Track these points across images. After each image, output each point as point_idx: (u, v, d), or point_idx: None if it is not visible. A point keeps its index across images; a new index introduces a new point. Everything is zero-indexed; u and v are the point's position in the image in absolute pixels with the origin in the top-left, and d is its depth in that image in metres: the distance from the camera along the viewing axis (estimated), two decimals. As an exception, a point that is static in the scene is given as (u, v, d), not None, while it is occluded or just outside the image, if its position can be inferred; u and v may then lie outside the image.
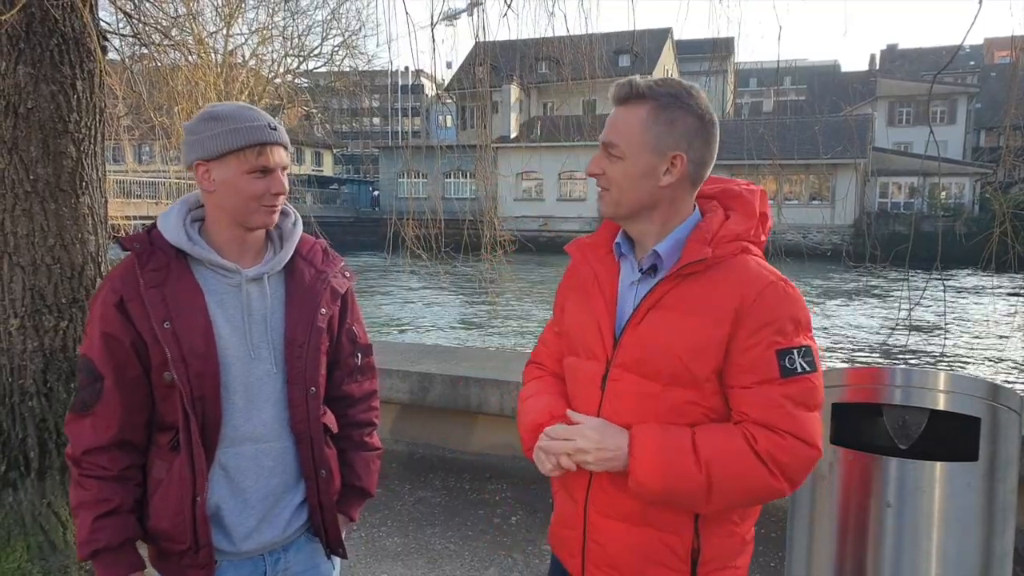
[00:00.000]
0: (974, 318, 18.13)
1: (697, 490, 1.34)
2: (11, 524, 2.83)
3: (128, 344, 1.50)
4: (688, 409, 1.40)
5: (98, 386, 1.51)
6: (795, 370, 1.35)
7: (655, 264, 1.46)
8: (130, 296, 1.50)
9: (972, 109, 46.26)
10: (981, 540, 1.44)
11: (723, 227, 1.44)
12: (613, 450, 1.39)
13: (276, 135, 1.55)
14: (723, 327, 1.36)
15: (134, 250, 1.53)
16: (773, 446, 1.33)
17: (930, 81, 29.64)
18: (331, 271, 1.71)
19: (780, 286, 1.39)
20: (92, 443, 1.51)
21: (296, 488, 1.67)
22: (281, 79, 20.17)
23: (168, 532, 1.54)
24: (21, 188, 2.75)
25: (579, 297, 1.57)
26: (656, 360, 1.40)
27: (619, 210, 1.48)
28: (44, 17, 2.69)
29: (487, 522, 3.76)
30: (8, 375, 2.86)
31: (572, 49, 5.73)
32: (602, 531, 1.49)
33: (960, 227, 9.47)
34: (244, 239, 1.61)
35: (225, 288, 1.57)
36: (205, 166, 1.54)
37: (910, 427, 1.48)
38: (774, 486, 1.34)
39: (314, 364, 1.64)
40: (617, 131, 1.44)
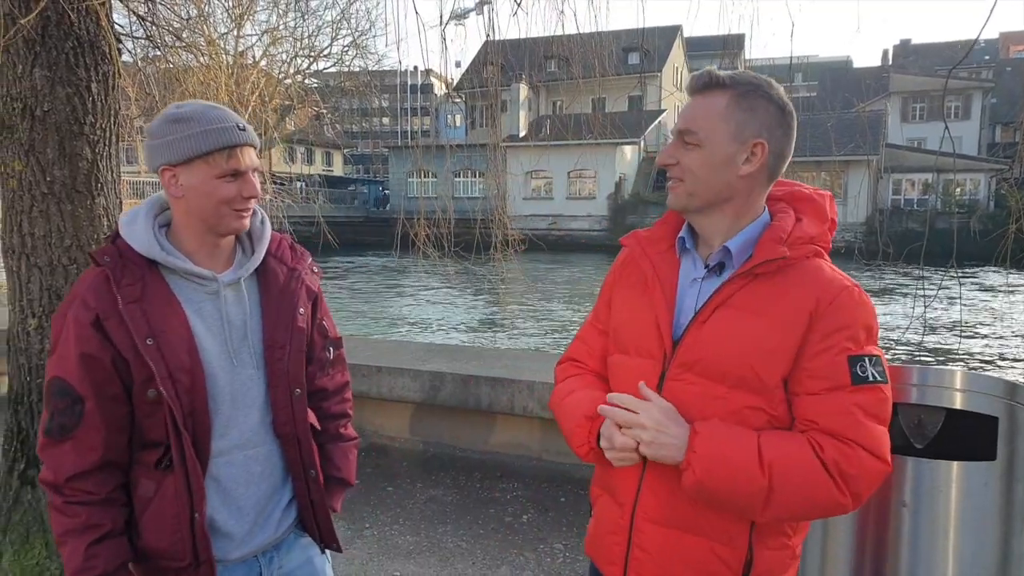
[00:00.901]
0: (990, 316, 17.96)
1: (756, 494, 1.28)
2: (30, 521, 2.86)
3: (108, 363, 1.43)
4: (752, 415, 1.33)
5: (78, 408, 1.43)
6: (867, 378, 1.30)
7: (722, 262, 1.41)
8: (107, 313, 1.42)
9: (987, 104, 45.83)
10: (998, 540, 1.43)
11: (796, 228, 1.39)
12: (673, 437, 1.32)
13: (246, 136, 1.49)
14: (796, 331, 1.31)
15: (105, 264, 1.46)
16: (840, 456, 1.27)
17: (944, 76, 29.37)
18: (302, 268, 1.68)
19: (856, 292, 1.34)
20: (76, 468, 1.44)
21: (284, 489, 1.66)
22: (291, 80, 20.24)
23: (165, 550, 1.50)
24: (38, 190, 2.78)
25: (633, 293, 1.51)
26: (722, 362, 1.34)
27: (692, 202, 1.41)
28: (60, 20, 2.71)
29: (498, 521, 3.77)
30: (26, 374, 2.90)
31: (581, 47, 5.71)
32: (650, 538, 1.43)
33: (975, 224, 9.43)
34: (215, 244, 1.56)
35: (201, 296, 1.53)
36: (172, 171, 1.47)
37: (926, 426, 1.47)
38: (838, 499, 1.28)
39: (297, 365, 1.62)
40: (695, 119, 1.38)
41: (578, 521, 3.72)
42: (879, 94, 45.42)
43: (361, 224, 41.47)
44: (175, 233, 1.55)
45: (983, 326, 16.52)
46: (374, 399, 4.48)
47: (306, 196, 29.25)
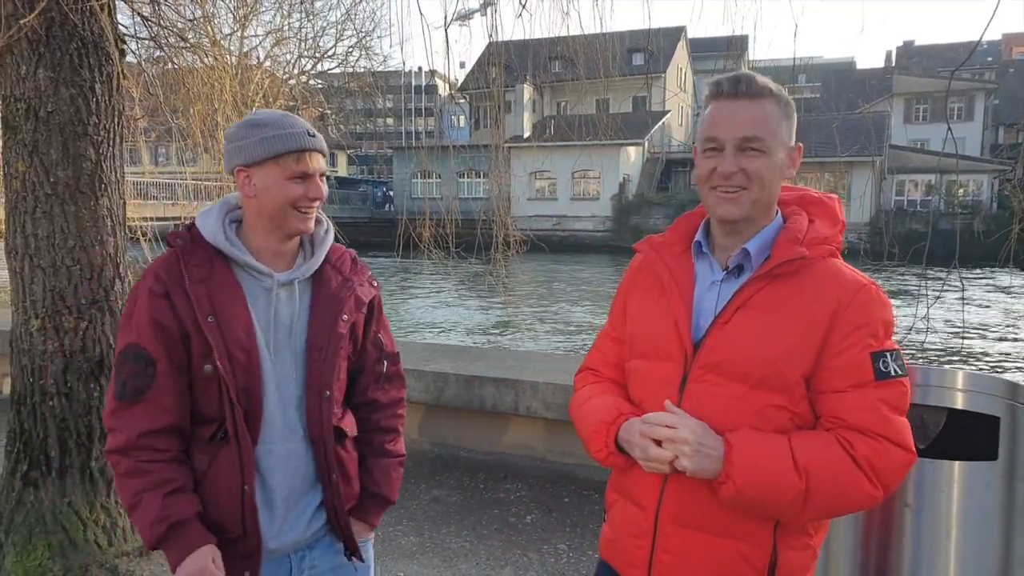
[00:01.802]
0: (993, 316, 17.92)
1: (795, 498, 1.30)
2: (32, 523, 2.87)
3: (175, 333, 1.53)
4: (775, 414, 1.35)
5: (150, 371, 1.52)
6: (889, 373, 1.32)
7: (741, 264, 1.43)
8: (175, 289, 1.53)
9: (990, 105, 45.71)
10: (1000, 540, 1.43)
11: (811, 229, 1.42)
12: (713, 449, 1.33)
13: (315, 142, 1.59)
14: (818, 330, 1.33)
15: (177, 246, 1.58)
16: (871, 451, 1.29)
17: (947, 77, 29.27)
18: (357, 280, 1.75)
19: (873, 289, 1.37)
20: (150, 427, 1.52)
21: (315, 490, 1.69)
22: (296, 80, 20.27)
23: (217, 522, 1.56)
24: (42, 191, 2.79)
25: (649, 297, 1.53)
26: (745, 362, 1.36)
27: (755, 209, 1.42)
28: (64, 21, 2.73)
29: (502, 521, 3.77)
30: (29, 375, 2.90)
31: (586, 48, 5.72)
32: (675, 541, 1.43)
33: (979, 224, 9.37)
34: (280, 245, 1.65)
35: (258, 290, 1.61)
36: (246, 172, 1.58)
37: (928, 426, 1.47)
38: (871, 493, 1.31)
39: (330, 368, 1.66)
40: (758, 125, 1.38)
41: (582, 522, 3.72)
42: (882, 95, 45.33)
43: (365, 224, 41.52)
44: (244, 231, 1.65)
45: (985, 327, 16.48)
46: (377, 400, 4.48)
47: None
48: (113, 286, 3.04)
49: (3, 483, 2.97)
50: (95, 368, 2.99)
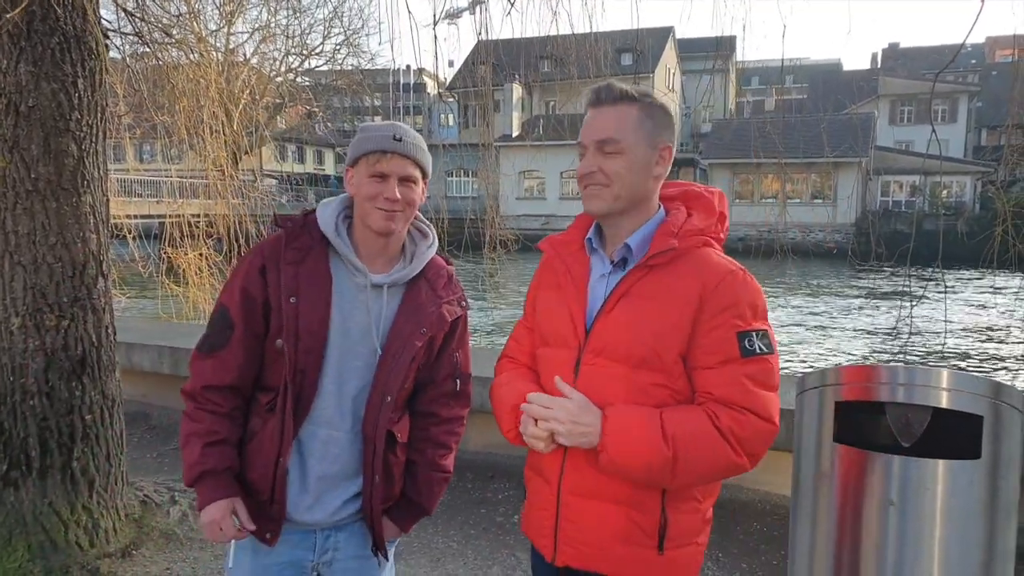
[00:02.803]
0: (976, 316, 18.11)
1: (664, 466, 1.44)
2: (12, 523, 2.84)
3: (260, 305, 1.67)
4: (656, 391, 1.50)
5: (228, 333, 1.67)
6: (754, 351, 1.46)
7: (625, 257, 1.58)
8: (271, 266, 1.66)
9: (973, 108, 46.17)
10: (983, 538, 1.44)
11: (687, 222, 1.56)
12: (587, 426, 1.49)
13: (398, 146, 1.67)
14: (687, 312, 1.48)
15: (286, 228, 1.71)
16: (734, 422, 1.43)
17: (931, 80, 29.52)
18: (447, 297, 1.82)
19: (740, 275, 1.51)
20: (211, 381, 1.67)
21: (354, 480, 1.76)
22: (283, 78, 20.18)
23: (253, 482, 1.70)
24: (22, 187, 2.76)
25: (551, 292, 1.68)
26: (626, 345, 1.51)
27: (617, 204, 1.57)
28: (45, 15, 2.69)
29: (490, 521, 3.76)
30: (9, 374, 2.87)
31: (575, 47, 5.71)
32: (575, 510, 1.58)
33: (962, 226, 9.49)
34: (376, 244, 1.73)
35: (349, 285, 1.71)
36: (350, 171, 1.72)
37: (913, 425, 1.47)
38: (735, 461, 1.45)
39: (398, 375, 1.73)
40: (611, 128, 1.54)
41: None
42: (868, 97, 45.70)
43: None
44: (353, 231, 1.76)
45: (969, 327, 16.65)
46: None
47: (296, 194, 29.16)
48: (96, 284, 3.00)
49: (-17, 483, 2.94)
50: (77, 367, 2.96)
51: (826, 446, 1.59)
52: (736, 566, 3.31)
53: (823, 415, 1.60)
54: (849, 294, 22.51)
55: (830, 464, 1.58)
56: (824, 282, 24.53)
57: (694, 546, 1.59)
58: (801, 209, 31.77)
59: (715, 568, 3.29)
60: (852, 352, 14.54)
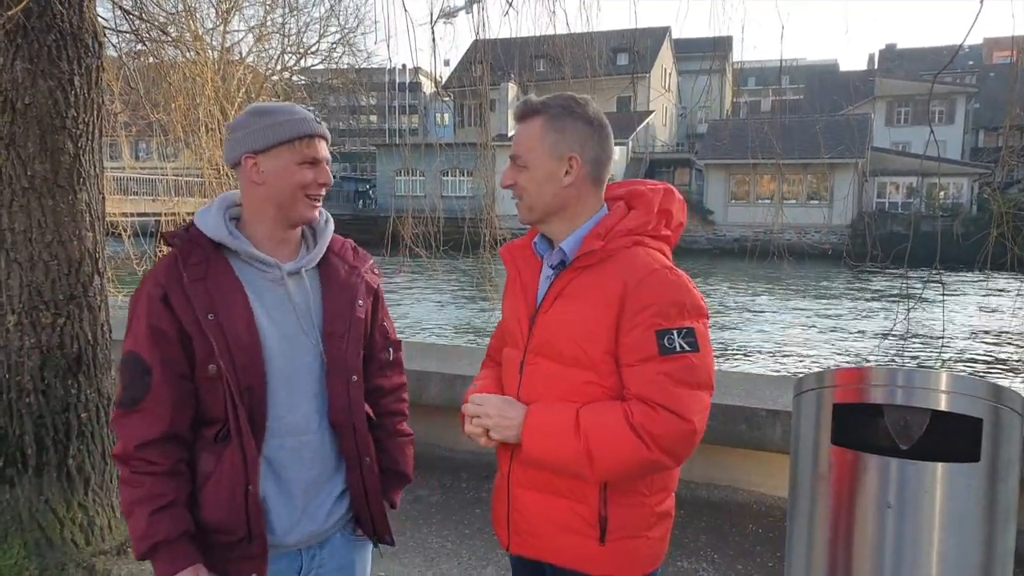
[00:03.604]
0: (974, 318, 18.15)
1: (579, 459, 1.48)
2: (8, 521, 2.82)
3: (175, 337, 1.51)
4: (588, 388, 1.54)
5: (147, 380, 1.51)
6: (674, 349, 1.48)
7: (563, 259, 1.62)
8: (173, 290, 1.52)
9: (971, 109, 46.29)
10: (982, 541, 1.44)
11: (620, 223, 1.59)
12: (510, 419, 1.57)
13: (322, 128, 1.63)
14: (611, 311, 1.51)
15: (175, 245, 1.57)
16: (646, 419, 1.46)
17: (929, 81, 29.54)
18: (362, 266, 1.77)
19: (663, 273, 1.53)
20: (143, 437, 1.50)
21: (336, 478, 1.70)
22: (279, 76, 20.12)
23: (221, 523, 1.55)
24: (18, 184, 2.74)
25: (509, 294, 1.75)
26: (559, 344, 1.57)
27: (533, 214, 1.64)
28: (42, 12, 2.68)
29: (484, 520, 3.75)
30: (5, 371, 2.86)
31: (572, 47, 5.71)
32: (522, 501, 1.65)
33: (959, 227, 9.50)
34: (284, 235, 1.65)
35: (264, 283, 1.61)
36: (254, 159, 1.58)
37: (911, 428, 1.47)
38: (649, 457, 1.47)
39: (355, 354, 1.69)
40: (519, 144, 1.62)
41: (564, 521, 3.72)
42: (865, 98, 45.79)
43: (348, 222, 41.35)
44: (245, 224, 1.65)
45: (968, 329, 16.69)
46: (360, 398, 4.46)
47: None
48: (92, 281, 2.99)
49: (-23, 482, 2.92)
50: (73, 364, 2.95)
51: (823, 448, 1.59)
52: (731, 567, 3.31)
53: (820, 417, 1.60)
54: (845, 296, 22.56)
55: (827, 466, 1.58)
56: (820, 284, 24.59)
57: (643, 539, 1.60)
58: (797, 210, 31.90)
59: (710, 569, 3.29)
60: (849, 354, 14.57)
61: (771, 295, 21.55)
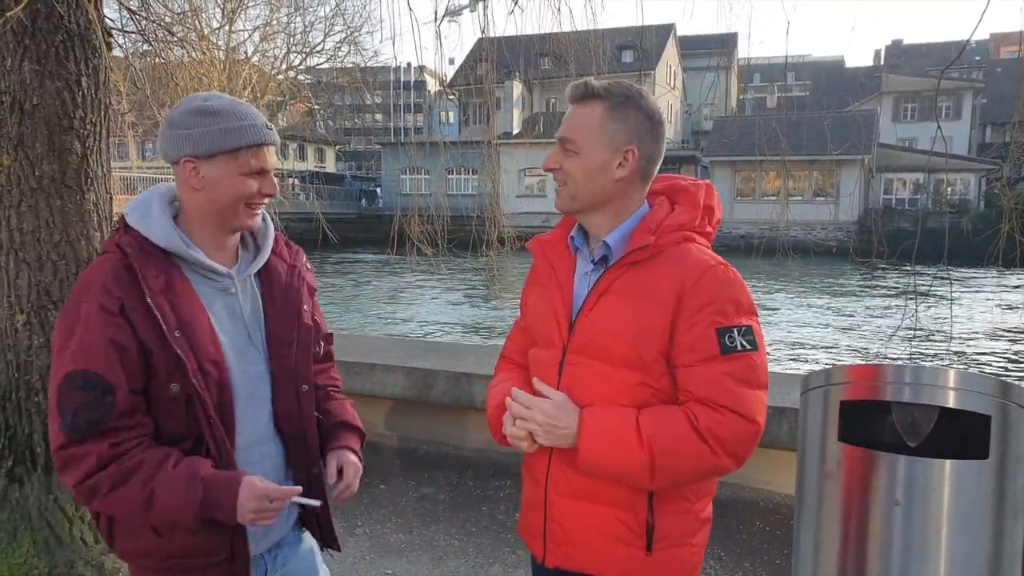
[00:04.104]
0: (981, 314, 18.07)
1: (640, 468, 1.41)
2: (18, 519, 2.84)
3: (134, 352, 1.39)
4: (638, 390, 1.47)
5: (108, 399, 1.36)
6: (735, 348, 1.43)
7: (606, 255, 1.55)
8: (133, 304, 1.39)
9: (978, 105, 46.04)
10: (991, 539, 1.44)
11: (668, 218, 1.53)
12: (564, 427, 1.47)
13: (272, 135, 1.49)
14: (666, 309, 1.45)
15: (129, 255, 1.43)
16: (713, 423, 1.40)
17: (935, 77, 29.30)
18: (298, 262, 1.69)
19: (720, 270, 1.47)
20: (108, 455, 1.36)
21: (287, 484, 1.64)
22: (284, 75, 20.17)
23: (201, 548, 1.47)
24: (27, 184, 2.75)
25: (539, 291, 1.66)
26: (606, 343, 1.49)
27: (574, 204, 1.56)
28: (49, 13, 2.69)
29: (491, 518, 3.76)
30: (14, 371, 2.87)
31: (576, 45, 5.71)
32: (561, 510, 1.57)
33: (966, 223, 9.44)
34: (224, 240, 1.56)
35: (213, 292, 1.52)
36: (194, 164, 1.45)
37: (919, 425, 1.47)
38: (715, 463, 1.42)
39: (304, 361, 1.62)
40: (574, 127, 1.52)
41: (570, 519, 3.72)
42: (871, 94, 45.58)
43: (354, 221, 41.41)
44: (187, 227, 1.52)
45: (976, 325, 16.62)
46: (367, 396, 4.47)
47: (303, 193, 29.14)
48: (99, 281, 3.00)
49: (-13, 480, 2.94)
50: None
51: (831, 446, 1.59)
52: (738, 566, 3.31)
53: (828, 414, 1.59)
54: (852, 292, 22.48)
55: (835, 464, 1.58)
56: (827, 280, 24.50)
57: (688, 547, 1.56)
58: (803, 207, 31.79)
59: (717, 567, 3.29)
60: (856, 351, 14.52)
61: (777, 292, 21.49)
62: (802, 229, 30.39)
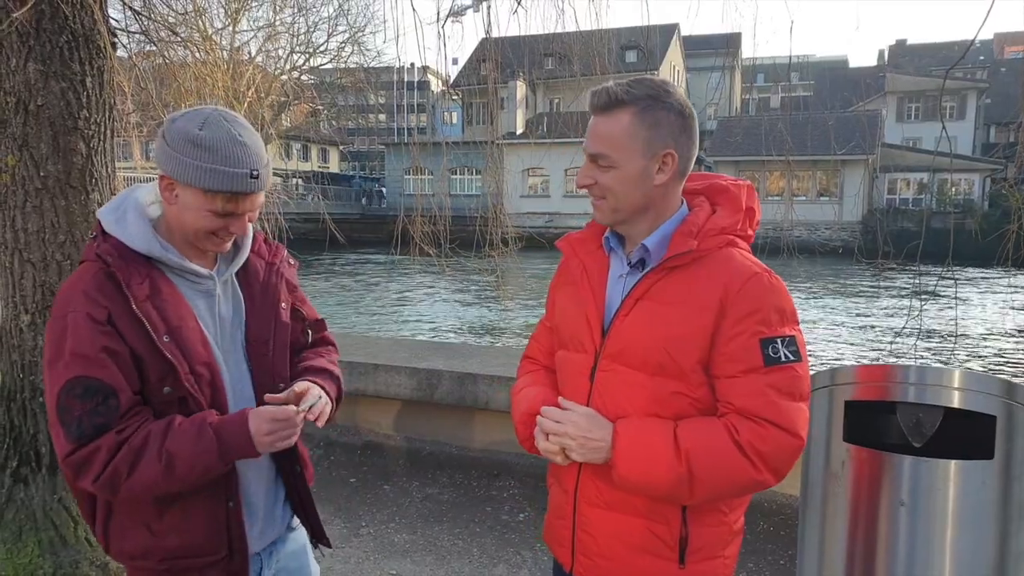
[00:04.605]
0: (988, 315, 18.01)
1: (678, 483, 1.36)
2: (23, 520, 2.85)
3: (127, 359, 1.41)
4: (674, 400, 1.42)
5: (112, 403, 1.38)
6: (779, 359, 1.37)
7: (643, 258, 1.49)
8: (119, 313, 1.40)
9: (982, 104, 45.90)
10: (995, 539, 1.43)
11: (709, 221, 1.47)
12: (598, 440, 1.42)
13: (255, 184, 1.45)
14: (708, 317, 1.39)
15: (111, 264, 1.43)
16: (755, 436, 1.35)
17: (939, 76, 29.27)
18: (277, 259, 1.69)
19: (764, 277, 1.41)
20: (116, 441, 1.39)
21: (278, 484, 1.68)
22: (288, 76, 20.19)
23: (199, 545, 1.49)
24: (31, 185, 2.76)
25: (569, 292, 1.60)
26: (643, 350, 1.43)
27: (618, 216, 1.50)
28: (54, 14, 2.69)
29: (495, 519, 3.76)
30: (19, 371, 2.88)
31: (580, 45, 5.70)
32: (591, 520, 1.52)
33: (971, 224, 9.41)
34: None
35: (195, 294, 1.54)
36: (171, 182, 1.46)
37: (924, 425, 1.47)
38: (756, 478, 1.36)
39: (282, 360, 1.63)
40: (603, 141, 1.45)
41: (574, 519, 3.72)
42: (875, 94, 45.47)
43: (357, 221, 41.44)
44: (166, 230, 1.53)
45: (981, 325, 16.57)
46: (370, 397, 4.47)
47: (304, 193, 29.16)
48: (104, 282, 3.01)
49: (-8, 480, 2.95)
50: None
51: (836, 446, 1.59)
52: (743, 566, 3.30)
53: (833, 414, 1.59)
54: (857, 293, 22.43)
55: (840, 464, 1.58)
56: (831, 281, 24.45)
57: (721, 559, 1.50)
58: (807, 207, 31.72)
59: (722, 567, 3.28)
60: (861, 351, 14.48)
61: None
62: (806, 229, 30.38)
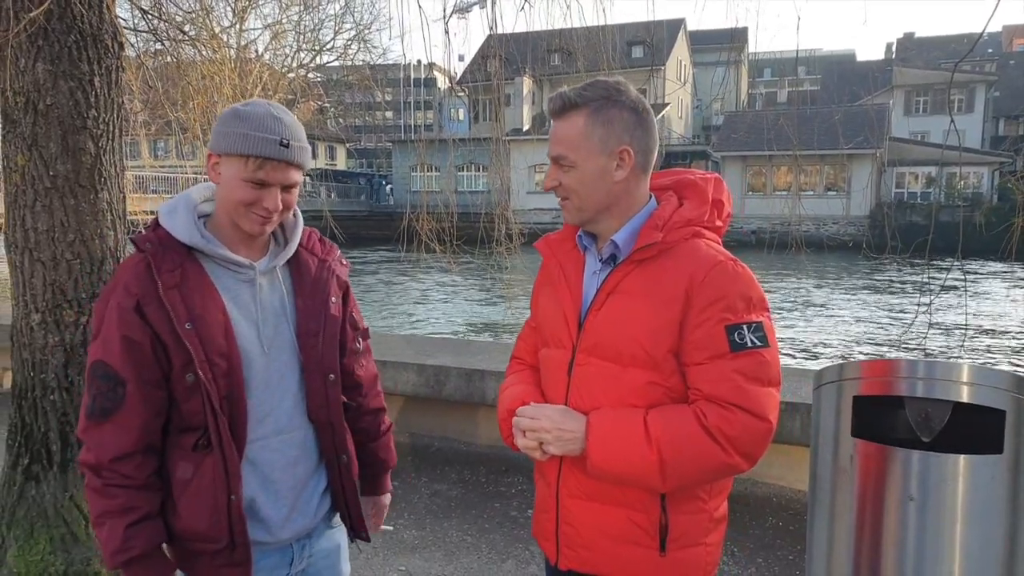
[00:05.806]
0: (997, 309, 17.92)
1: (651, 470, 1.40)
2: (34, 517, 2.87)
3: (148, 347, 1.48)
4: (649, 390, 1.46)
5: (120, 391, 1.48)
6: (745, 344, 1.40)
7: (614, 253, 1.54)
8: (147, 300, 1.47)
9: (990, 97, 45.60)
10: (1005, 534, 1.43)
11: (675, 213, 1.51)
12: (572, 431, 1.47)
13: (285, 153, 1.50)
14: (675, 307, 1.43)
15: (147, 251, 1.51)
16: (722, 421, 1.38)
17: (948, 69, 29.05)
18: (331, 258, 1.74)
19: (729, 265, 1.45)
20: (117, 450, 1.48)
21: (319, 474, 1.71)
22: (295, 73, 20.22)
23: (203, 532, 1.54)
24: (41, 184, 2.78)
25: (548, 292, 1.66)
26: (615, 343, 1.47)
27: (584, 215, 1.55)
28: (63, 14, 2.71)
29: (503, 515, 3.77)
30: (30, 369, 2.90)
31: (586, 41, 5.69)
32: (573, 512, 1.56)
33: (980, 217, 9.35)
34: (249, 235, 1.61)
35: (237, 284, 1.58)
36: (216, 158, 1.54)
37: (933, 420, 1.46)
38: (727, 461, 1.40)
39: (330, 351, 1.67)
40: (562, 143, 1.51)
41: (582, 515, 3.73)
42: (883, 87, 45.21)
43: (364, 218, 41.50)
44: (215, 222, 1.61)
45: (990, 320, 16.48)
46: (378, 393, 4.49)
47: (313, 191, 29.24)
48: (113, 280, 3.02)
49: (4, 477, 2.97)
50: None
51: (844, 441, 1.58)
52: (752, 561, 3.31)
53: (841, 410, 1.59)
54: (865, 287, 22.34)
55: (848, 459, 1.58)
56: (839, 275, 24.36)
57: (703, 547, 1.53)
58: (815, 201, 31.57)
59: (730, 563, 3.28)
60: (869, 346, 14.44)
61: (789, 287, 21.39)
62: (814, 224, 30.25)
